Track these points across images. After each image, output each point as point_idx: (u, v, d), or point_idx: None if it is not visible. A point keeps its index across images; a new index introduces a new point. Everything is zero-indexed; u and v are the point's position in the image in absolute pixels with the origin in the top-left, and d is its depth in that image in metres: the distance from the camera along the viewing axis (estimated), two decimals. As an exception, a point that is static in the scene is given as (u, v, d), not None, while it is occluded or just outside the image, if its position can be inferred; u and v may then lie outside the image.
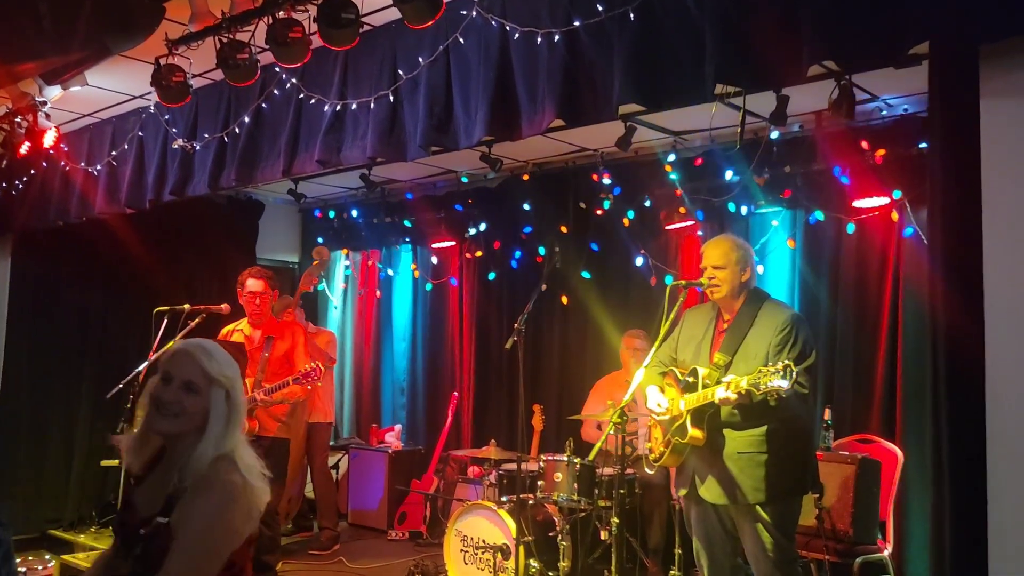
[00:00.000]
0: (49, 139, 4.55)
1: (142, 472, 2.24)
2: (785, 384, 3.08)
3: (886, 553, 4.28)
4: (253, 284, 4.74)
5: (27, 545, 6.18)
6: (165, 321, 4.69)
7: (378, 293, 7.78)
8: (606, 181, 5.82)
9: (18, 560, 4.84)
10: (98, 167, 5.37)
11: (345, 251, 7.92)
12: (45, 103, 4.37)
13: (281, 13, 3.11)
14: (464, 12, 3.50)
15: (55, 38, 3.19)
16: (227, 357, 2.19)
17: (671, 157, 5.45)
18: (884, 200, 4.73)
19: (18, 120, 4.48)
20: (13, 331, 6.59)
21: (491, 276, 6.76)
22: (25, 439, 6.56)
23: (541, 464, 4.87)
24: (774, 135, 4.83)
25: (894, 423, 4.74)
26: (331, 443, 6.90)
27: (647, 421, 4.87)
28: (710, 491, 3.49)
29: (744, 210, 5.33)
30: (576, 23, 3.17)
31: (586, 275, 6.12)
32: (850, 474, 4.27)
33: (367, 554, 5.88)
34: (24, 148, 4.54)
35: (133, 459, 2.25)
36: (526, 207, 6.31)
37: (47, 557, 5.06)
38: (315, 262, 6.50)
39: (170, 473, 2.13)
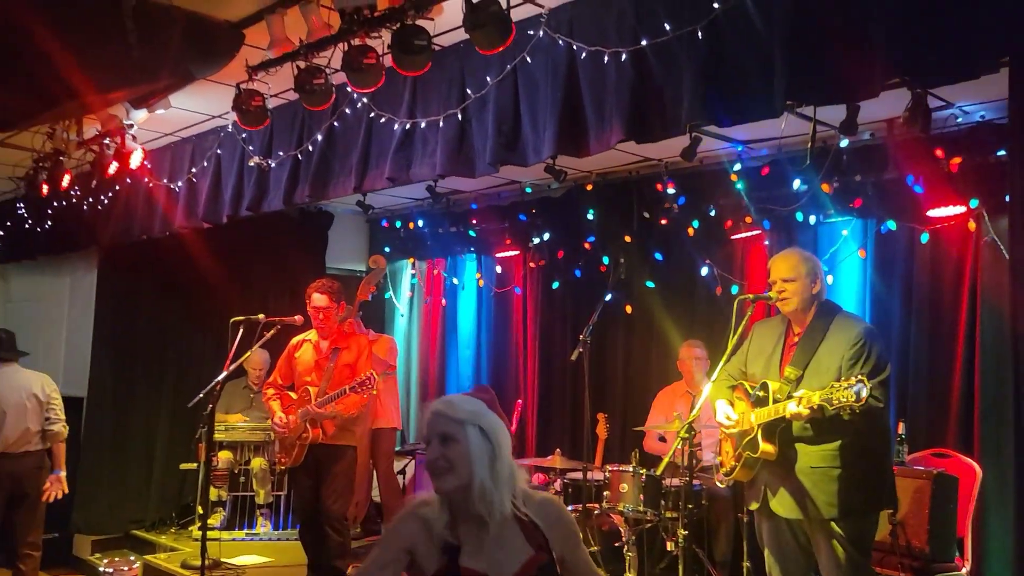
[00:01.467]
0: (136, 160, 4.76)
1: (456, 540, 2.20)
2: (858, 399, 3.06)
3: (964, 571, 4.18)
4: (318, 299, 4.88)
5: (111, 544, 6.48)
6: (241, 331, 4.84)
7: (443, 301, 7.89)
8: (670, 190, 5.80)
9: (105, 560, 5.07)
10: (179, 183, 5.59)
11: (411, 260, 8.06)
12: (132, 125, 4.59)
13: (356, 40, 3.21)
14: (531, 32, 3.56)
15: (144, 67, 3.35)
16: (468, 399, 2.24)
17: (736, 166, 5.41)
18: (960, 209, 4.61)
19: (107, 142, 4.71)
20: (98, 341, 6.90)
21: (555, 285, 6.80)
22: (109, 444, 6.86)
23: (606, 474, 4.89)
24: (843, 143, 4.76)
25: (971, 437, 4.62)
26: (397, 448, 7.02)
27: (713, 432, 4.87)
28: (783, 505, 3.47)
29: (812, 219, 5.25)
30: (643, 42, 3.20)
31: (650, 284, 6.11)
32: (925, 489, 4.18)
33: (434, 560, 5.96)
34: (112, 168, 4.76)
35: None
36: (590, 216, 6.33)
37: (131, 557, 5.30)
38: (372, 270, 6.62)
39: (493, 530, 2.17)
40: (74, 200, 6.04)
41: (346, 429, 4.86)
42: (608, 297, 6.08)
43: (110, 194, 6.02)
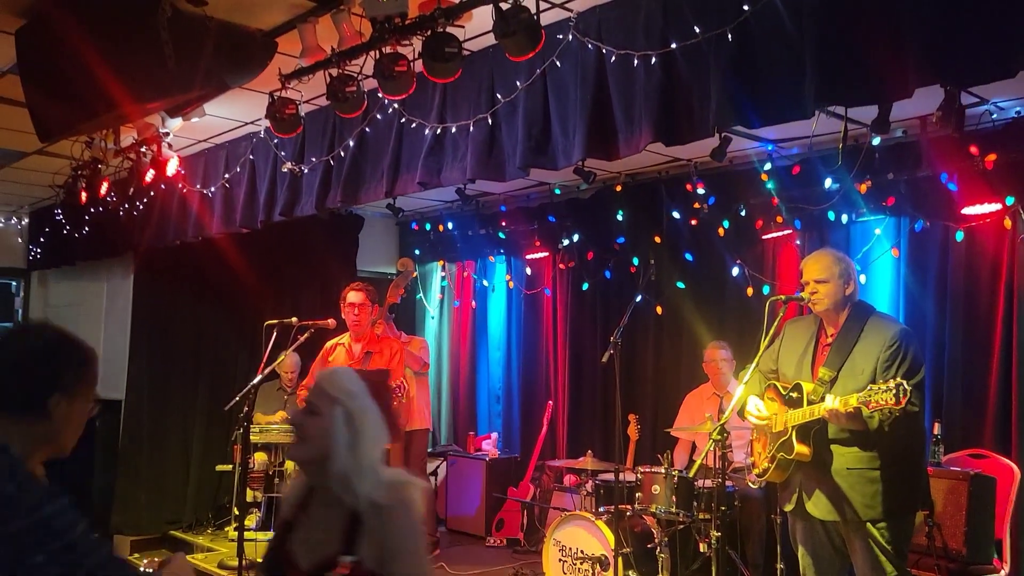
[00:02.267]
0: (172, 168, 4.85)
1: (291, 517, 2.18)
2: (898, 402, 3.03)
3: (1003, 573, 4.13)
4: (353, 296, 4.93)
5: (149, 545, 6.60)
6: (275, 334, 4.90)
7: (473, 303, 7.94)
8: (700, 191, 5.78)
9: (145, 561, 5.16)
10: (212, 189, 5.69)
11: (441, 262, 8.11)
12: (168, 134, 4.68)
13: (387, 48, 3.25)
14: (560, 36, 3.57)
15: (180, 77, 3.42)
16: (354, 379, 2.14)
17: (767, 166, 5.38)
18: (996, 206, 4.55)
19: (143, 150, 4.81)
20: (135, 345, 7.04)
21: (584, 286, 6.81)
22: (147, 446, 6.99)
23: (638, 475, 4.89)
24: (876, 141, 4.72)
25: (1009, 437, 4.56)
26: (429, 450, 7.07)
27: (744, 433, 4.85)
28: (818, 507, 3.46)
29: (844, 218, 5.21)
30: (673, 45, 3.20)
31: (680, 285, 6.10)
32: (962, 490, 4.13)
33: (467, 560, 6.01)
34: (149, 176, 4.86)
35: (285, 506, 2.23)
36: (619, 217, 6.33)
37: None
38: (400, 273, 6.67)
39: (325, 511, 2.09)
40: (111, 207, 6.17)
41: None
42: (638, 298, 6.06)
43: (146, 200, 6.13)
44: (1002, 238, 4.64)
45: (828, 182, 5.10)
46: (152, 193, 6.10)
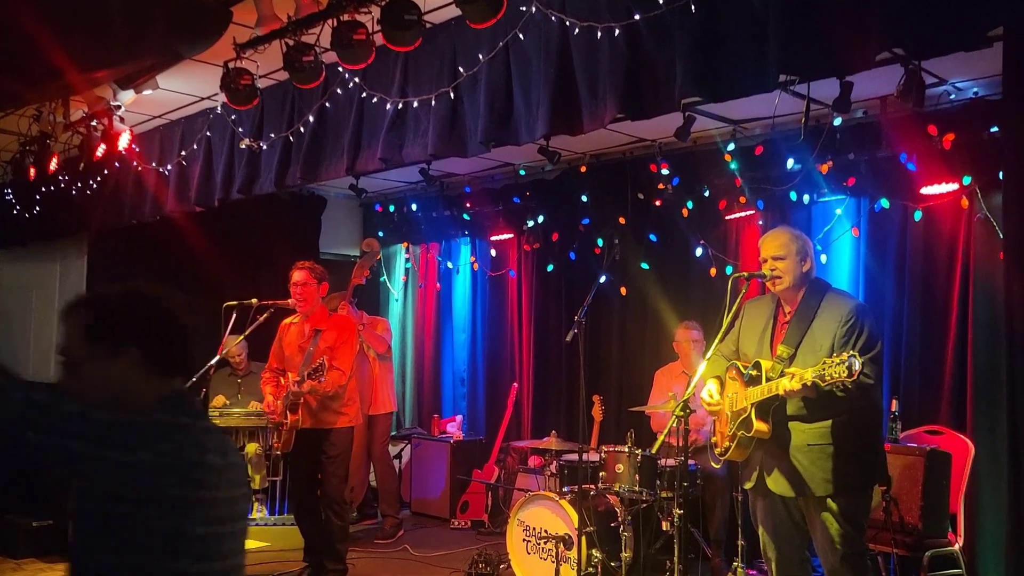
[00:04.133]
0: (123, 141, 4.72)
1: None
2: (851, 374, 3.05)
3: (957, 547, 4.20)
4: (296, 275, 4.86)
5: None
6: (234, 315, 4.81)
7: (438, 285, 7.88)
8: (664, 171, 5.78)
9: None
10: (168, 167, 5.55)
11: (405, 244, 8.03)
12: (119, 107, 4.54)
13: (345, 16, 3.17)
14: (523, 8, 3.52)
15: (128, 45, 3.31)
16: None
17: (730, 146, 5.39)
18: (953, 186, 4.61)
19: (94, 124, 4.66)
20: (90, 326, 6.86)
21: (549, 268, 6.79)
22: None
23: (602, 455, 4.89)
24: (837, 121, 4.74)
25: (964, 414, 4.63)
26: (393, 433, 7.02)
27: (707, 413, 4.87)
28: (778, 484, 3.47)
29: (806, 198, 5.24)
30: (636, 16, 3.17)
31: (645, 266, 6.10)
32: (918, 466, 4.19)
33: (431, 542, 5.98)
34: (100, 150, 4.72)
35: None
36: (584, 199, 6.31)
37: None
38: (365, 254, 6.60)
39: None
40: (63, 185, 6.00)
41: (333, 411, 4.81)
42: (603, 279, 6.06)
43: (99, 179, 5.97)
44: (959, 218, 4.70)
45: (790, 163, 5.12)
46: (106, 171, 5.95)
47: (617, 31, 3.23)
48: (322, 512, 4.86)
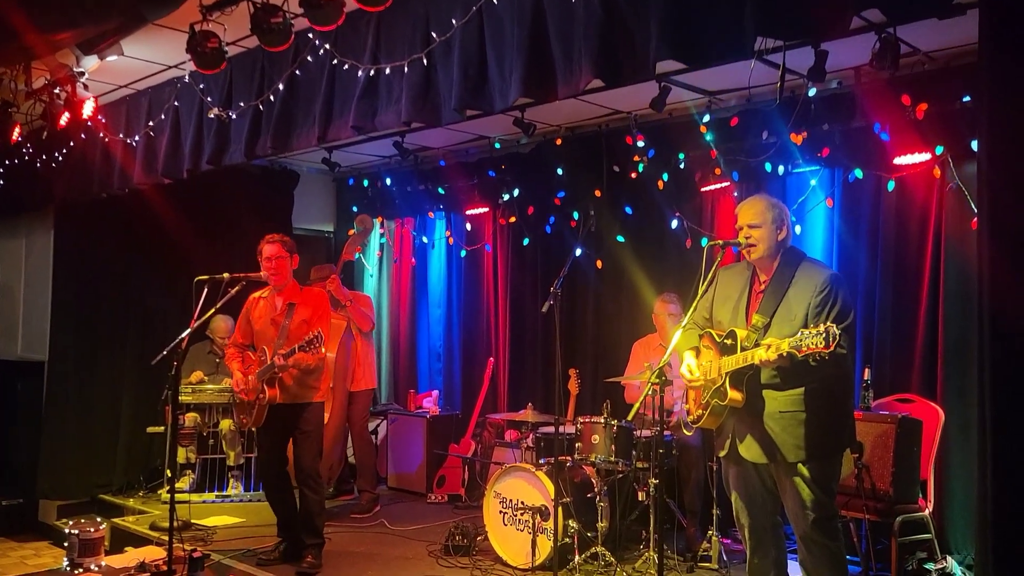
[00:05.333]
0: (88, 109, 4.60)
1: None
2: (827, 345, 3.05)
3: (927, 512, 4.26)
4: (267, 249, 4.79)
5: (78, 509, 6.38)
6: (206, 290, 4.74)
7: (413, 260, 7.83)
8: (640, 143, 5.76)
9: (71, 523, 5.01)
10: (136, 138, 5.44)
11: (379, 219, 7.96)
12: (83, 73, 4.42)
13: (314, -24, 3.10)
14: (497, -29, 3.47)
15: (91, 6, 3.21)
16: None
17: (706, 118, 5.38)
18: (925, 156, 4.63)
19: (57, 91, 4.54)
20: (58, 302, 6.74)
21: (525, 241, 6.76)
22: (73, 407, 6.74)
23: (578, 427, 4.90)
24: (811, 92, 4.74)
25: (935, 382, 4.69)
26: (370, 409, 6.99)
27: (681, 383, 4.89)
28: (750, 451, 3.50)
29: (781, 170, 5.25)
30: (611, -21, 3.12)
31: (620, 239, 6.09)
32: (890, 433, 4.24)
33: (407, 516, 5.98)
34: (64, 119, 4.60)
35: None
36: (559, 172, 6.28)
37: (98, 520, 5.23)
38: (356, 230, 6.54)
39: None
40: (27, 158, 5.85)
41: (308, 386, 4.77)
42: (578, 251, 6.04)
43: (64, 150, 5.84)
44: (931, 187, 4.73)
45: (765, 134, 5.12)
46: (71, 143, 5.81)
47: (592, -5, 3.18)
48: (297, 487, 4.83)
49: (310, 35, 4.18)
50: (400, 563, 4.88)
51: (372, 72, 4.01)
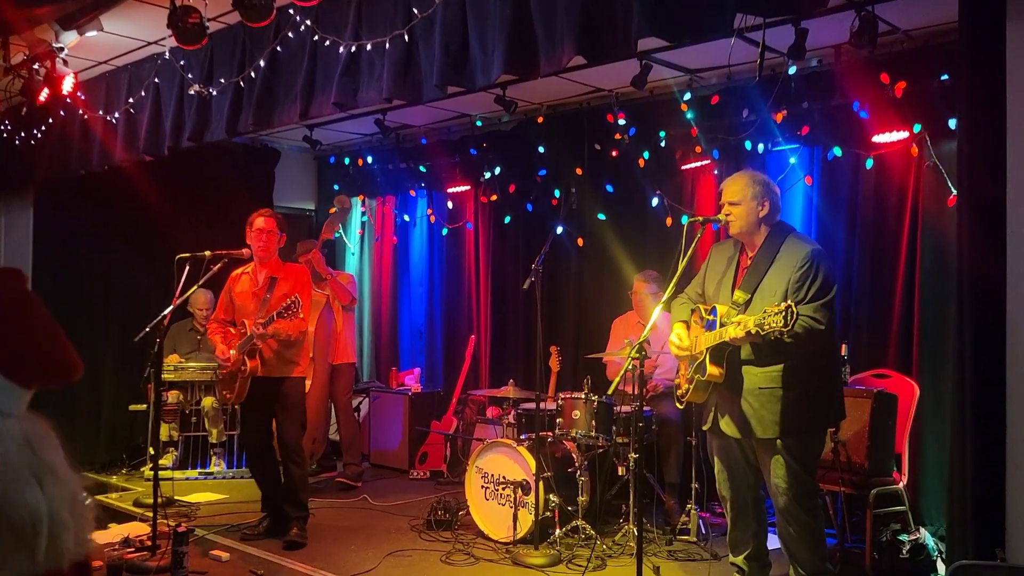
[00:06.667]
0: (67, 85, 4.55)
1: None
2: (786, 324, 3.05)
3: (901, 485, 4.35)
4: (260, 222, 4.79)
5: (61, 487, 6.38)
6: (187, 267, 4.74)
7: (394, 238, 7.82)
8: (621, 122, 5.78)
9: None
10: (116, 115, 5.38)
11: (361, 197, 7.94)
12: (62, 49, 4.37)
13: (296, -50, 3.08)
14: (479, -53, 3.46)
15: (71, -19, 3.17)
16: None
17: (687, 96, 5.40)
18: (903, 134, 4.68)
19: (36, 67, 4.49)
20: (38, 283, 6.68)
21: (507, 219, 6.78)
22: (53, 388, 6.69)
23: (559, 402, 4.95)
24: (792, 70, 4.77)
25: (911, 358, 4.77)
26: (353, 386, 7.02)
27: (666, 358, 4.94)
28: (730, 426, 3.55)
29: (761, 148, 5.28)
30: (593, -45, 3.13)
31: (602, 216, 6.12)
32: (866, 408, 4.31)
33: (390, 492, 6.03)
34: (43, 95, 4.55)
35: None
36: (541, 150, 6.29)
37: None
38: (336, 209, 6.56)
39: None
40: (5, 135, 5.78)
41: (288, 360, 4.78)
42: (559, 229, 6.08)
43: (44, 127, 5.77)
44: (909, 166, 4.79)
45: (746, 112, 5.15)
46: (51, 120, 5.74)
47: (574, -30, 3.19)
48: (281, 462, 4.86)
49: (291, 11, 4.16)
50: (383, 537, 4.93)
51: (354, 48, 4.00)
